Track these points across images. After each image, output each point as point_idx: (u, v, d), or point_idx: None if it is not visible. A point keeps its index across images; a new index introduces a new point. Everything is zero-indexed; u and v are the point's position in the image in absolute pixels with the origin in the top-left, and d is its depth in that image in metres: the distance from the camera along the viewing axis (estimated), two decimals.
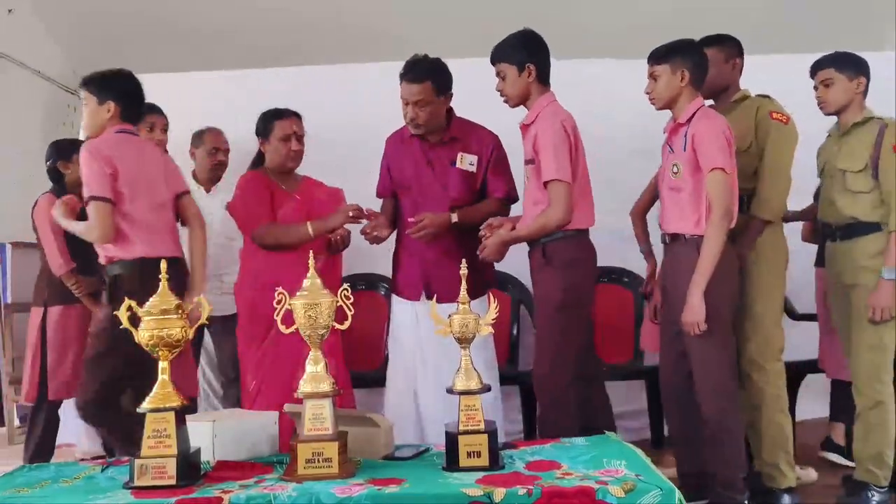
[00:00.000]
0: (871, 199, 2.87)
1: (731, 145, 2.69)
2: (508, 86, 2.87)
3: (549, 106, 2.85)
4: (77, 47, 5.07)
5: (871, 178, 2.86)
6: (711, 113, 2.77)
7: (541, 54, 2.87)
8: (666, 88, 2.74)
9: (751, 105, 2.98)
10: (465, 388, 2.11)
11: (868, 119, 2.92)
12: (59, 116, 5.24)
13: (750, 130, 2.93)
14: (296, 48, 4.57)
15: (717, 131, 2.66)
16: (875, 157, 2.85)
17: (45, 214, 3.29)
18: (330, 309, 2.05)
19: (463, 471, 2.00)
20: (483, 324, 2.17)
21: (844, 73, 2.92)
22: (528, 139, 2.86)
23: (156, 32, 4.89)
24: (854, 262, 2.91)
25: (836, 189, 2.96)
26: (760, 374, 2.90)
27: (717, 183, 2.63)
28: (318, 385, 2.03)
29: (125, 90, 2.93)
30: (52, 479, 2.06)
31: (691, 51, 2.76)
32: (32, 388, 3.46)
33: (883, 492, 2.86)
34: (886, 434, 2.85)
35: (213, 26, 4.75)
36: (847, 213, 2.92)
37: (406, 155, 3.12)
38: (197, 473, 1.98)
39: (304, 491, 1.83)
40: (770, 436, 2.89)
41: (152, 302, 2.01)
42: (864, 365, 2.87)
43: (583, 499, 1.79)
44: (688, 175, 2.70)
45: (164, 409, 1.95)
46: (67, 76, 5.20)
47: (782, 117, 2.93)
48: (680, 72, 2.71)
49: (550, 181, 2.75)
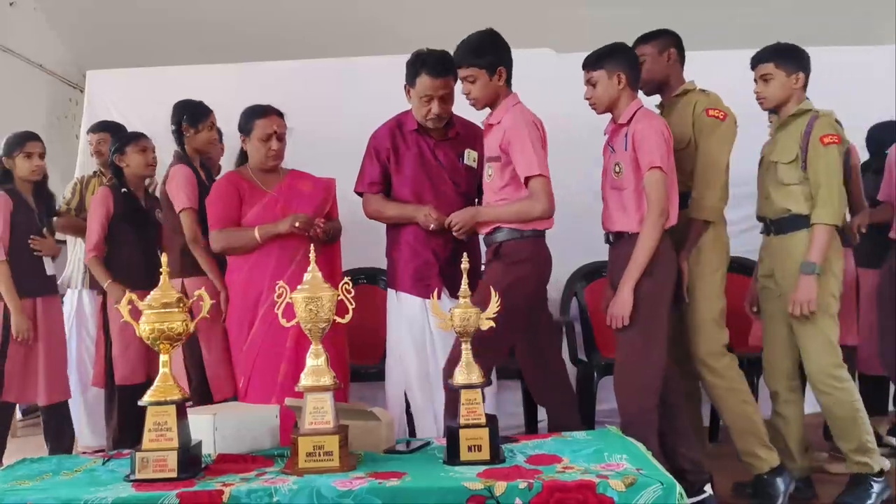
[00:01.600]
0: (803, 190, 2.86)
1: (670, 144, 2.72)
2: (478, 89, 2.81)
3: (518, 105, 2.84)
4: (79, 41, 5.08)
5: (801, 169, 2.85)
6: (650, 113, 2.80)
7: (508, 55, 2.85)
8: (605, 93, 2.78)
9: (689, 101, 2.95)
10: (466, 382, 2.11)
11: (804, 111, 2.90)
12: (61, 109, 5.24)
13: (688, 128, 2.91)
14: (295, 42, 4.57)
15: (656, 131, 2.70)
16: (803, 149, 2.84)
17: (93, 204, 3.40)
18: (331, 302, 2.05)
19: (464, 464, 2.00)
20: (483, 318, 2.17)
21: (783, 68, 2.89)
22: (494, 136, 2.83)
23: (156, 25, 4.89)
24: (790, 257, 2.87)
25: (770, 182, 2.95)
26: (711, 373, 2.89)
27: (655, 182, 2.66)
28: (319, 379, 2.03)
29: None
30: (52, 472, 2.06)
31: (624, 54, 2.80)
32: (100, 374, 3.46)
33: (881, 480, 2.86)
34: (860, 423, 2.85)
35: (214, 19, 4.74)
36: (780, 205, 2.90)
37: (408, 150, 3.08)
38: (198, 466, 1.98)
39: (304, 484, 1.83)
40: (739, 427, 2.90)
41: (153, 295, 2.01)
42: (819, 366, 2.85)
43: (584, 493, 1.79)
44: (630, 174, 2.73)
45: (165, 402, 1.95)
46: (69, 69, 5.21)
47: (719, 114, 2.89)
48: (616, 75, 2.75)
49: (533, 177, 2.73)
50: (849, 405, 2.85)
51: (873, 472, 2.86)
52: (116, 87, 4.48)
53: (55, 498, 1.81)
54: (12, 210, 3.34)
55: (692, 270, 2.88)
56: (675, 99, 3.00)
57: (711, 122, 2.88)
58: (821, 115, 2.87)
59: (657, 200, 2.66)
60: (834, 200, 2.82)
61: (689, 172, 2.88)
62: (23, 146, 3.39)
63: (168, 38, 4.86)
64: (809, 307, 2.78)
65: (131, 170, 3.47)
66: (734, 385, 2.91)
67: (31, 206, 3.45)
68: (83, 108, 4.62)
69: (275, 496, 1.80)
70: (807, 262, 2.80)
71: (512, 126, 2.77)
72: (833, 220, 2.81)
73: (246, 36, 4.72)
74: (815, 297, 2.78)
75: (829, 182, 2.81)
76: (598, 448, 2.11)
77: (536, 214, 2.76)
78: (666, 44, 2.99)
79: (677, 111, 2.96)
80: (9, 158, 3.40)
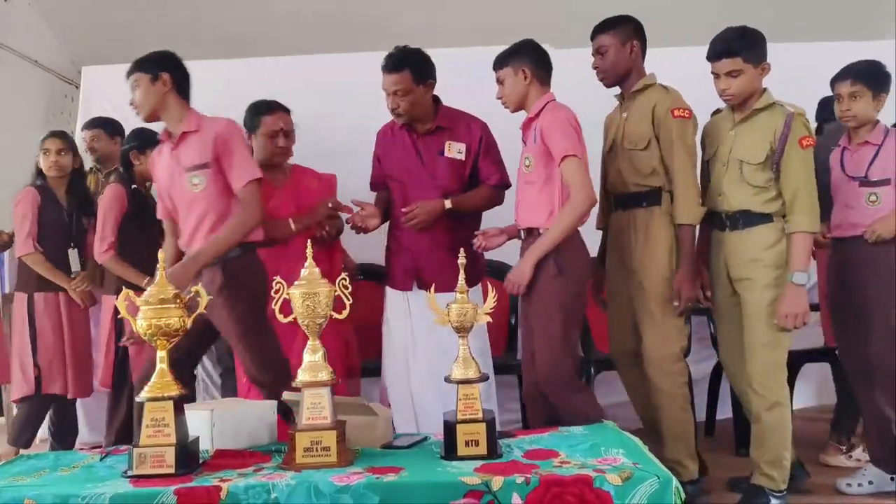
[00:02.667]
0: (767, 191, 2.74)
1: (580, 133, 2.70)
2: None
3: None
4: (74, 36, 5.05)
5: (771, 170, 2.72)
6: (559, 106, 2.76)
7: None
8: (513, 90, 2.78)
9: (650, 99, 2.83)
10: (463, 377, 2.11)
11: (770, 105, 2.75)
12: (57, 106, 5.22)
13: (648, 128, 2.80)
14: (292, 38, 4.56)
15: (563, 121, 2.68)
16: (779, 151, 2.69)
17: (107, 201, 3.37)
18: (328, 298, 2.05)
19: (461, 459, 2.01)
20: (481, 313, 2.17)
21: (752, 60, 2.72)
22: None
23: (152, 20, 4.86)
24: (744, 254, 2.77)
25: (730, 179, 2.79)
26: (659, 375, 2.84)
27: (572, 170, 2.65)
28: (316, 374, 2.03)
29: None
30: (50, 468, 2.07)
31: (528, 50, 2.79)
32: (108, 374, 3.45)
33: (781, 496, 2.75)
34: (784, 436, 2.75)
35: (210, 15, 4.72)
36: (739, 205, 2.77)
37: (395, 146, 3.12)
38: (195, 462, 1.99)
39: (302, 479, 1.84)
40: (674, 432, 2.85)
41: (150, 291, 2.01)
42: (759, 364, 2.75)
43: (581, 487, 1.80)
44: (540, 168, 2.72)
45: (163, 398, 1.96)
46: (65, 66, 5.18)
47: (684, 113, 2.79)
48: (521, 71, 2.75)
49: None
50: (780, 413, 2.75)
51: (776, 490, 2.74)
52: (112, 82, 4.41)
53: (53, 494, 1.81)
54: (40, 205, 3.41)
55: (648, 268, 2.83)
56: (635, 94, 2.89)
57: (679, 124, 2.78)
58: (795, 114, 2.72)
59: (579, 186, 2.64)
60: (813, 206, 2.70)
61: (645, 174, 2.83)
62: (42, 143, 3.51)
63: (164, 34, 4.83)
64: (804, 319, 2.68)
65: (143, 168, 3.42)
66: (679, 390, 2.85)
67: (61, 202, 3.50)
68: (79, 104, 4.60)
69: (272, 492, 1.81)
70: (797, 273, 2.68)
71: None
72: (813, 227, 2.71)
73: (242, 32, 4.71)
74: (806, 309, 2.68)
75: (808, 187, 2.69)
76: (595, 443, 2.12)
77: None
78: (628, 34, 2.88)
79: (637, 107, 2.87)
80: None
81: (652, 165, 2.83)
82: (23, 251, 3.38)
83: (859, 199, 2.92)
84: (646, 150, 2.82)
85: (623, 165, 2.90)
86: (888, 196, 2.88)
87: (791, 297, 2.69)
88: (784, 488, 2.75)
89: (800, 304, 2.69)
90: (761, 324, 2.74)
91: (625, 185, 2.90)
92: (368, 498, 1.79)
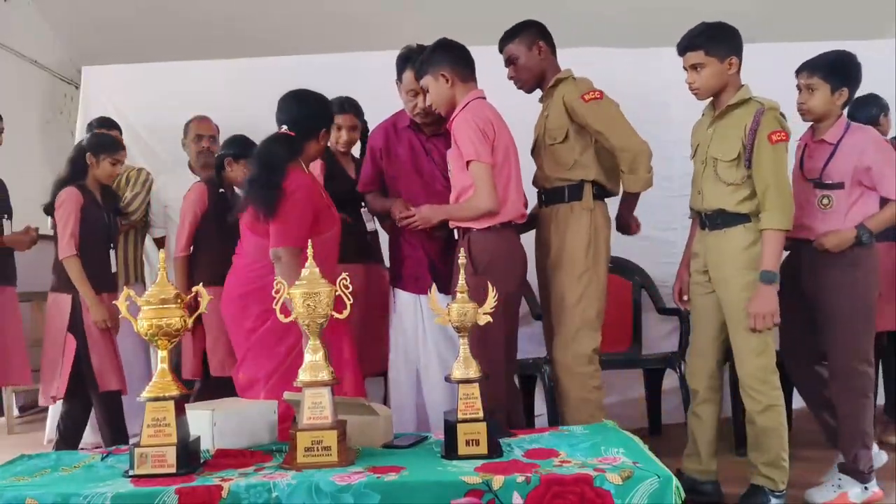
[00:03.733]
0: (742, 189, 2.68)
1: (487, 136, 2.66)
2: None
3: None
4: (74, 36, 5.06)
5: (744, 167, 2.66)
6: (470, 107, 2.73)
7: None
8: (439, 96, 2.78)
9: (559, 92, 2.84)
10: (463, 377, 2.11)
11: (744, 101, 2.70)
12: (56, 105, 5.22)
13: (564, 119, 2.80)
14: (294, 37, 4.56)
15: (469, 124, 2.65)
16: (749, 146, 2.64)
17: (191, 198, 3.38)
18: (329, 298, 2.05)
19: (462, 459, 2.01)
20: (480, 312, 2.17)
21: (715, 54, 2.67)
22: None
23: (152, 20, 4.87)
24: (722, 254, 2.72)
25: (707, 177, 2.76)
26: (567, 378, 2.78)
27: (475, 174, 2.65)
28: (317, 374, 2.04)
29: None
30: (51, 468, 2.07)
31: (443, 52, 2.77)
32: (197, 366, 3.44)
33: (780, 496, 2.71)
34: (780, 437, 2.70)
35: (211, 14, 4.73)
36: (715, 203, 2.73)
37: (401, 145, 3.10)
38: (196, 462, 1.99)
39: (303, 479, 1.84)
40: None
41: (151, 291, 2.01)
42: (750, 369, 2.70)
43: (581, 486, 1.80)
44: (457, 171, 2.72)
45: (164, 398, 1.96)
46: (64, 65, 5.19)
47: (596, 94, 2.76)
48: (441, 76, 2.74)
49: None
50: (775, 415, 2.70)
51: (776, 490, 2.71)
52: (112, 82, 4.46)
53: (54, 493, 1.81)
54: (83, 205, 3.32)
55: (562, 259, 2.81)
56: (550, 91, 2.91)
57: (593, 106, 2.75)
58: (767, 108, 2.65)
59: (480, 189, 2.64)
60: (784, 203, 2.62)
61: (567, 167, 2.82)
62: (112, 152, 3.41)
63: (164, 34, 4.85)
64: (773, 319, 2.63)
65: (234, 175, 3.42)
66: (589, 396, 2.79)
67: (100, 202, 3.44)
68: (78, 104, 4.61)
69: (273, 491, 1.81)
70: (766, 272, 2.61)
71: None
72: (785, 224, 2.62)
73: (243, 31, 4.71)
74: (776, 309, 2.62)
75: (777, 183, 2.61)
76: (595, 442, 2.12)
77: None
78: (531, 37, 2.89)
79: (552, 104, 2.88)
80: (94, 157, 3.38)
81: (573, 157, 2.81)
82: (66, 253, 3.26)
83: (812, 201, 2.84)
84: (564, 142, 2.81)
85: (545, 161, 2.90)
86: (841, 200, 2.80)
87: (760, 296, 2.62)
88: (783, 488, 2.73)
89: (768, 303, 2.62)
90: (746, 328, 2.69)
91: (548, 181, 2.89)
92: (369, 497, 1.79)
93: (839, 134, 2.83)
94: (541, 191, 2.96)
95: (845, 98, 2.83)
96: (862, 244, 2.78)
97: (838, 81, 2.80)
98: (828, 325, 2.84)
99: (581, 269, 2.78)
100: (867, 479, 2.85)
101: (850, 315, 2.79)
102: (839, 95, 2.81)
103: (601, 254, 2.82)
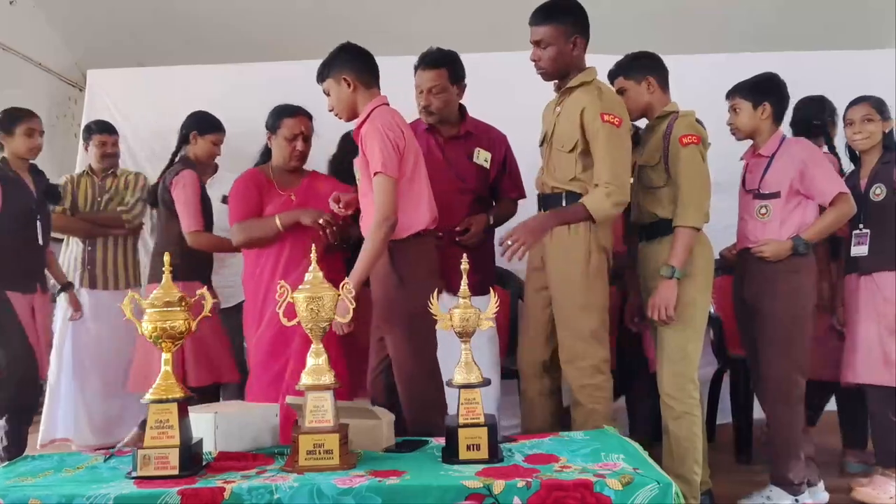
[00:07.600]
0: (668, 194, 2.76)
1: (398, 147, 2.58)
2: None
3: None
4: (79, 39, 5.07)
5: (665, 172, 2.76)
6: (377, 115, 2.63)
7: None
8: (340, 101, 2.69)
9: (577, 99, 2.70)
10: (464, 382, 2.12)
11: (668, 113, 2.83)
12: (60, 108, 5.23)
13: (575, 132, 2.69)
14: (298, 42, 4.58)
15: (379, 133, 2.57)
16: (664, 152, 2.75)
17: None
18: (332, 302, 2.07)
19: (463, 463, 2.02)
20: (484, 318, 2.18)
21: (632, 78, 2.85)
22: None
23: (157, 24, 4.89)
24: (657, 263, 2.76)
25: (639, 187, 2.86)
26: (575, 387, 2.71)
27: (377, 188, 2.56)
28: (319, 377, 2.05)
29: None
30: (55, 469, 2.08)
31: (345, 55, 2.70)
32: None
33: None
34: (694, 447, 2.72)
35: (216, 19, 4.75)
36: (648, 210, 2.82)
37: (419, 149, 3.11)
38: (199, 464, 2.00)
39: (305, 482, 1.85)
40: None
41: (156, 294, 2.02)
42: (666, 374, 2.74)
43: (581, 491, 1.81)
44: (364, 180, 2.66)
45: (167, 400, 1.97)
46: (69, 68, 5.20)
47: (615, 119, 2.65)
48: (343, 80, 2.67)
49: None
50: (688, 424, 2.72)
51: None
52: (117, 86, 4.48)
53: (58, 494, 1.82)
54: None
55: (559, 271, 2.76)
56: (570, 90, 2.75)
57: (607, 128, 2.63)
58: (680, 115, 2.79)
59: (380, 206, 2.55)
60: (696, 202, 2.69)
61: (569, 179, 2.75)
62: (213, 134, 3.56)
63: (169, 38, 4.87)
64: (667, 312, 2.66)
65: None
66: (597, 406, 2.72)
67: None
68: (83, 107, 4.63)
69: (275, 494, 1.81)
70: (666, 266, 2.68)
71: None
72: (695, 222, 2.69)
73: (248, 36, 4.73)
74: (673, 302, 2.66)
75: (689, 183, 2.70)
76: (596, 448, 2.13)
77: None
78: (571, 29, 2.71)
79: (569, 106, 2.74)
80: None
81: (574, 172, 2.73)
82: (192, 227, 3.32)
83: (751, 212, 2.94)
84: (570, 153, 2.72)
85: (549, 163, 2.82)
86: (777, 210, 2.88)
87: (660, 289, 2.69)
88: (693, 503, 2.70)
89: (667, 297, 2.67)
90: (667, 332, 2.74)
91: (548, 186, 2.82)
92: (371, 500, 1.80)
93: (774, 147, 2.94)
94: (541, 195, 2.91)
95: (769, 112, 2.92)
96: (799, 254, 2.85)
97: (758, 97, 2.91)
98: (765, 332, 2.89)
99: (582, 279, 2.70)
100: (798, 492, 2.86)
101: (789, 322, 2.85)
102: (762, 110, 2.92)
103: (602, 262, 2.78)
